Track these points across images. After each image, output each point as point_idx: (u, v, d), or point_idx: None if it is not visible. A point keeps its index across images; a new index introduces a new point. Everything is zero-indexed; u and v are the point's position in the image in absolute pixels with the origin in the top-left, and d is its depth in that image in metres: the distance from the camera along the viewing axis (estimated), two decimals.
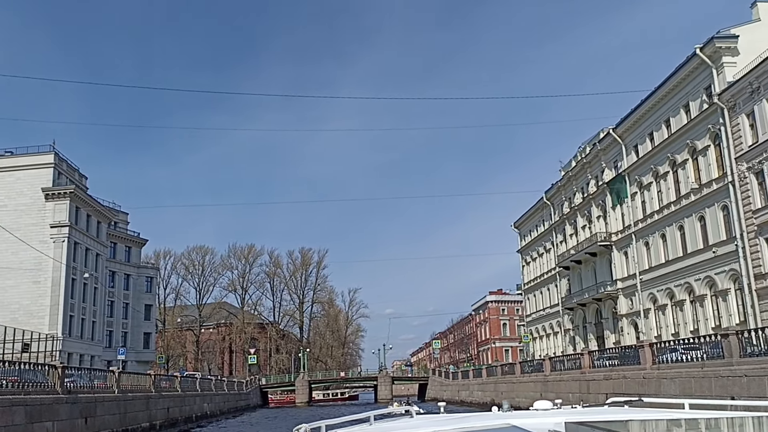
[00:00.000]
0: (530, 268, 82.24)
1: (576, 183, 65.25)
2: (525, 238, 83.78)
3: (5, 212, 66.48)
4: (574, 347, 65.17)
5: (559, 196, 70.28)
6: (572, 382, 32.88)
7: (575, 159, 65.62)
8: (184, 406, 44.40)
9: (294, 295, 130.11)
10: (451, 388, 70.51)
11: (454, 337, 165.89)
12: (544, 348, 76.33)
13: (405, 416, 5.93)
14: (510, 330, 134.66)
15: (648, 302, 50.44)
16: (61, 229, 65.93)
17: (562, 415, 4.61)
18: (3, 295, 64.80)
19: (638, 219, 52.17)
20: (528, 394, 39.34)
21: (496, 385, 50.35)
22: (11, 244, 63.60)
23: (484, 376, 55.99)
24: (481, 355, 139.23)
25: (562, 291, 69.44)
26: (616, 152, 55.67)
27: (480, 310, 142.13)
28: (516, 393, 42.65)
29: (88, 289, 71.06)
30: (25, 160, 68.06)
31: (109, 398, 29.87)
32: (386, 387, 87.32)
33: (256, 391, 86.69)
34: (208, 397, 53.57)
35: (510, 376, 47.45)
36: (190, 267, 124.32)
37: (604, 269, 58.62)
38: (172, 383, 44.25)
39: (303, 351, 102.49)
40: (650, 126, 49.84)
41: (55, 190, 66.45)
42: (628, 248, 53.91)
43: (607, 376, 28.31)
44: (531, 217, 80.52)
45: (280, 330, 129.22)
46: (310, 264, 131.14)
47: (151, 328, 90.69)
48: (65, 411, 24.70)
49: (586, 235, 62.27)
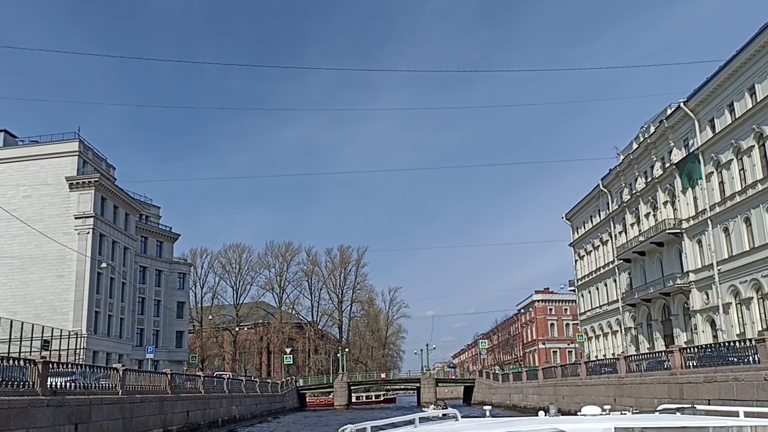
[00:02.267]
0: (584, 262, 76.37)
1: (638, 167, 59.33)
2: (578, 230, 77.93)
3: (29, 203, 63.40)
4: (637, 347, 59.39)
5: (617, 183, 64.39)
6: (658, 386, 27.43)
7: (636, 141, 59.80)
8: (208, 409, 40.01)
9: (332, 294, 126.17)
10: (501, 391, 65.00)
11: (498, 338, 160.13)
12: (600, 348, 70.49)
13: (450, 419, 5.74)
14: (558, 330, 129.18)
15: (728, 296, 44.46)
16: (85, 220, 62.43)
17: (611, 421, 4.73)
18: (26, 289, 61.60)
19: (715, 202, 46.22)
20: (597, 398, 33.87)
21: (556, 389, 44.81)
22: (34, 237, 60.29)
23: (540, 378, 50.36)
24: (527, 357, 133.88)
25: (623, 286, 63.57)
26: (687, 129, 49.78)
27: (526, 310, 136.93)
28: (581, 397, 37.25)
29: (115, 284, 67.52)
30: (49, 148, 64.81)
31: (109, 400, 25.44)
32: (430, 389, 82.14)
33: (292, 392, 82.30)
34: (238, 399, 49.14)
35: (573, 378, 41.91)
36: (227, 265, 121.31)
37: (673, 260, 52.71)
38: (194, 384, 39.92)
39: (342, 351, 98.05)
40: (729, 96, 43.94)
41: (80, 179, 62.98)
42: (702, 236, 47.95)
43: (710, 378, 22.90)
44: (585, 207, 74.60)
45: (318, 330, 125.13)
46: (348, 262, 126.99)
47: (184, 327, 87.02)
48: (46, 415, 20.36)
49: (650, 224, 56.42)
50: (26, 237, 61.18)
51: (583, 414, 5.13)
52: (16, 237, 62.18)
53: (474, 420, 5.85)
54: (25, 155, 64.86)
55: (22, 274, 61.98)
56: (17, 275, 61.99)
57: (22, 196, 63.65)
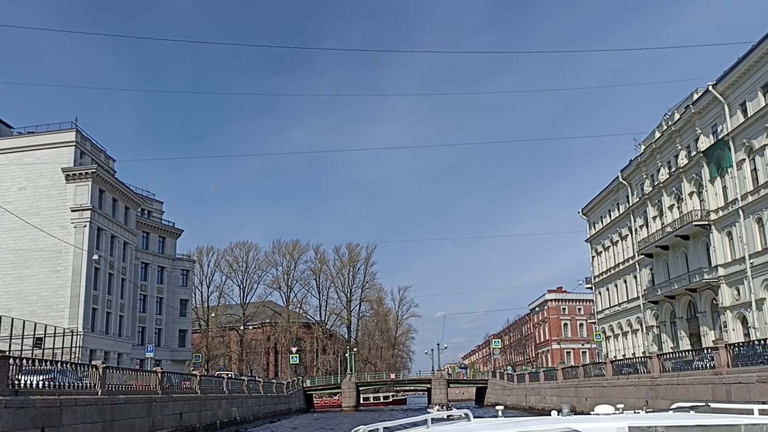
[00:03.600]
0: (601, 258, 73.26)
1: (661, 156, 56.30)
2: (595, 225, 74.84)
3: (24, 195, 61.03)
4: (660, 346, 56.37)
5: (638, 174, 61.32)
6: (699, 387, 24.51)
7: (659, 129, 56.77)
8: (205, 410, 37.31)
9: (341, 292, 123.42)
10: (517, 392, 61.98)
11: (510, 338, 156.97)
12: (619, 348, 67.44)
13: (463, 419, 5.65)
14: (572, 330, 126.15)
15: (762, 291, 41.43)
16: (82, 213, 59.93)
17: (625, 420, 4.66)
18: (20, 285, 59.20)
19: (747, 191, 43.15)
20: (627, 400, 30.91)
21: (578, 389, 41.79)
22: (29, 230, 57.92)
23: (559, 378, 47.28)
24: (539, 357, 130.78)
25: (644, 282, 60.53)
26: (716, 114, 46.73)
27: (538, 310, 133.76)
28: (607, 398, 34.32)
29: (114, 281, 64.98)
30: (46, 138, 62.34)
31: (85, 401, 22.74)
32: (441, 390, 79.17)
33: (299, 393, 79.57)
34: (239, 400, 46.40)
35: (597, 378, 38.92)
36: (234, 264, 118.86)
37: (700, 254, 49.68)
38: (190, 384, 37.21)
39: (350, 351, 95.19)
40: (763, 77, 40.94)
41: (76, 170, 60.47)
42: (732, 227, 44.89)
43: (765, 378, 20.04)
44: (602, 201, 71.48)
45: (326, 330, 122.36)
46: (357, 260, 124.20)
47: (187, 325, 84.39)
48: (4, 418, 17.70)
49: (674, 216, 53.39)
50: (21, 231, 58.82)
51: (596, 413, 5.11)
52: (10, 231, 59.83)
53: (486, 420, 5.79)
54: (20, 146, 62.46)
55: (16, 269, 59.61)
56: (12, 270, 59.64)
57: (17, 188, 61.30)
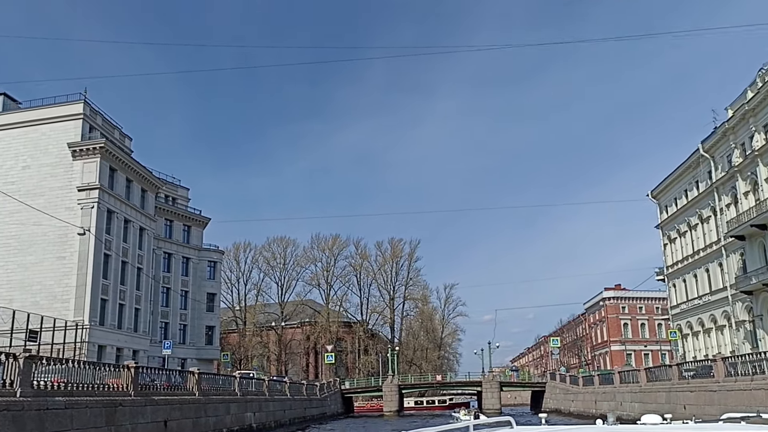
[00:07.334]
0: (676, 246, 64.21)
1: (755, 120, 47.38)
2: (667, 209, 65.82)
3: (28, 174, 55.39)
4: (755, 344, 47.48)
5: (724, 145, 52.37)
6: None
7: (752, 88, 47.89)
8: (205, 417, 30.25)
9: (383, 290, 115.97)
10: (583, 397, 53.36)
11: (564, 340, 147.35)
12: (700, 347, 58.51)
13: (505, 426, 5.58)
14: (633, 331, 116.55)
15: None
16: (90, 193, 53.78)
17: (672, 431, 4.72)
18: (23, 273, 53.36)
19: None
20: (750, 409, 22.84)
21: (671, 394, 33.30)
22: (33, 213, 51.98)
23: (642, 380, 38.69)
24: (596, 359, 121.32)
25: (733, 270, 51.55)
26: None
27: (594, 310, 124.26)
28: (719, 407, 26.13)
29: (128, 269, 58.64)
30: (52, 111, 56.50)
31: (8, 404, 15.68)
32: (493, 394, 70.95)
33: (335, 396, 72.27)
34: (255, 404, 39.18)
35: (702, 379, 30.55)
36: (271, 260, 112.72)
37: None
38: (185, 383, 30.18)
39: (392, 351, 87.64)
40: None
41: (83, 144, 54.36)
42: None
43: None
44: (678, 179, 62.33)
45: (368, 329, 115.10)
46: (400, 256, 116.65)
47: (215, 321, 77.82)
48: None
49: None
50: (24, 213, 52.91)
51: (642, 423, 5.03)
52: (13, 214, 53.98)
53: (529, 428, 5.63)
54: (24, 120, 56.81)
55: (19, 255, 53.87)
56: (14, 257, 53.95)
57: (21, 167, 55.65)
